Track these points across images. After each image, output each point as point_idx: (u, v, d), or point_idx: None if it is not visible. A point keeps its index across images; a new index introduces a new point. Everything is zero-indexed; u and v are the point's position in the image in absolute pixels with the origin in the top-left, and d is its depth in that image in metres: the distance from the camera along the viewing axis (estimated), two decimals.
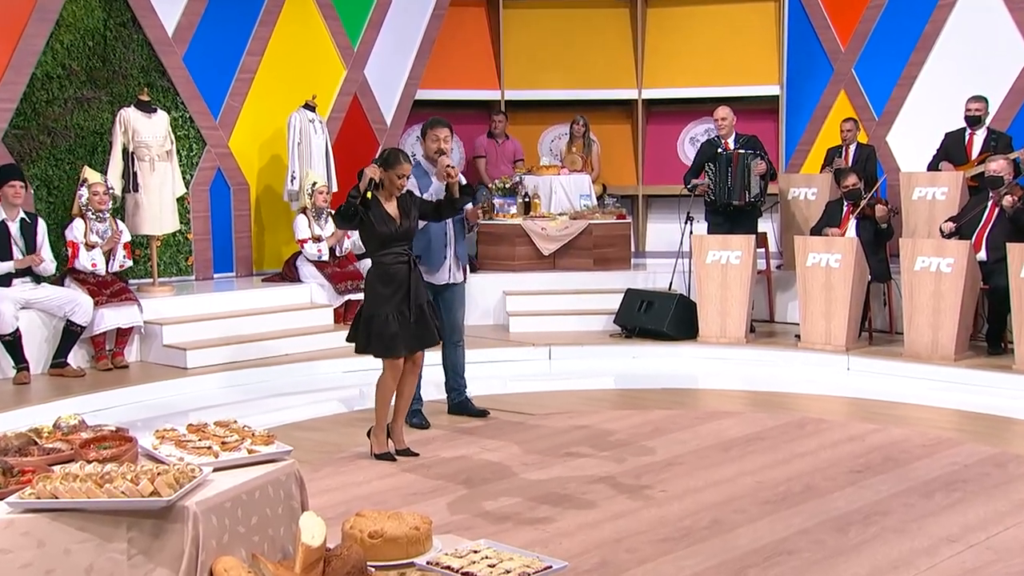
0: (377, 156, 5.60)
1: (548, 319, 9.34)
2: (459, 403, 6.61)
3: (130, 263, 8.13)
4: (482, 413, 6.58)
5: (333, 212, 7.41)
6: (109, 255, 7.91)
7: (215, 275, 9.65)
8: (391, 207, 5.51)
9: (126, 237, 8.04)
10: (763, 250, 9.40)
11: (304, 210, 9.07)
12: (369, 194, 5.44)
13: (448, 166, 5.82)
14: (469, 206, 6.56)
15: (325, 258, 8.99)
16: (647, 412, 6.68)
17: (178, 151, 8.94)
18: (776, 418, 6.47)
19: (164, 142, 8.45)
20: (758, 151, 8.90)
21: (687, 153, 11.43)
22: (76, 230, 7.79)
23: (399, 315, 5.44)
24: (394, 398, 5.70)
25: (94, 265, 7.80)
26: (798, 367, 8.17)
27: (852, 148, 9.78)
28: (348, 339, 5.63)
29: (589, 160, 10.91)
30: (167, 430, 3.87)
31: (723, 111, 9.04)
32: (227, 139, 9.70)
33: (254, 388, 7.59)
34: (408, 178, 5.58)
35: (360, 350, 5.51)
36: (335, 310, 8.86)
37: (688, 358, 8.52)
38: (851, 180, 8.66)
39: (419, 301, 5.51)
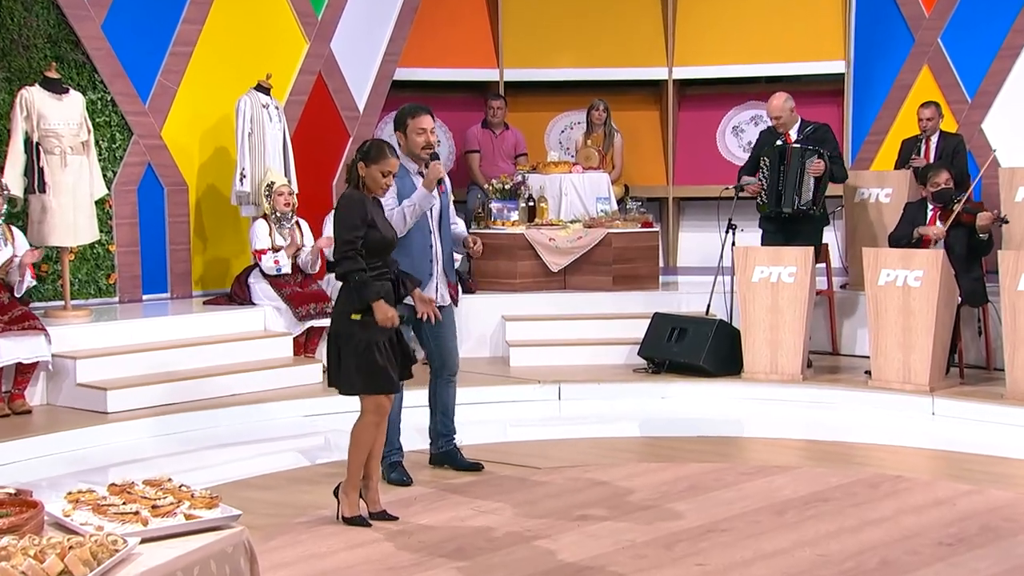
0: (358, 148, 5.62)
1: (557, 350, 9.38)
2: (447, 452, 6.60)
3: (34, 282, 8.03)
4: (475, 466, 6.57)
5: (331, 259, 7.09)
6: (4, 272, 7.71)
7: (144, 297, 9.67)
8: (375, 205, 5.62)
9: (23, 248, 7.78)
10: (824, 265, 9.44)
11: (264, 216, 9.14)
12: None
13: (438, 177, 5.96)
14: (463, 231, 6.60)
15: (286, 270, 9.04)
16: (680, 466, 6.69)
17: (97, 142, 8.91)
18: (842, 475, 6.45)
19: (79, 131, 8.39)
20: (821, 146, 8.93)
21: (728, 146, 11.51)
22: None
23: (389, 343, 5.51)
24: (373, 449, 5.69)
25: None
26: (869, 411, 8.19)
27: (934, 139, 9.82)
28: (332, 382, 5.59)
29: (609, 155, 10.98)
30: (82, 492, 3.86)
31: (778, 104, 9.01)
32: (159, 127, 9.73)
33: (193, 437, 7.58)
34: (394, 175, 5.64)
35: (356, 390, 5.51)
36: (295, 339, 8.89)
37: (730, 399, 8.56)
38: (942, 177, 8.65)
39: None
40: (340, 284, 5.56)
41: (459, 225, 6.63)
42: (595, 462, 6.81)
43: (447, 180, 6.33)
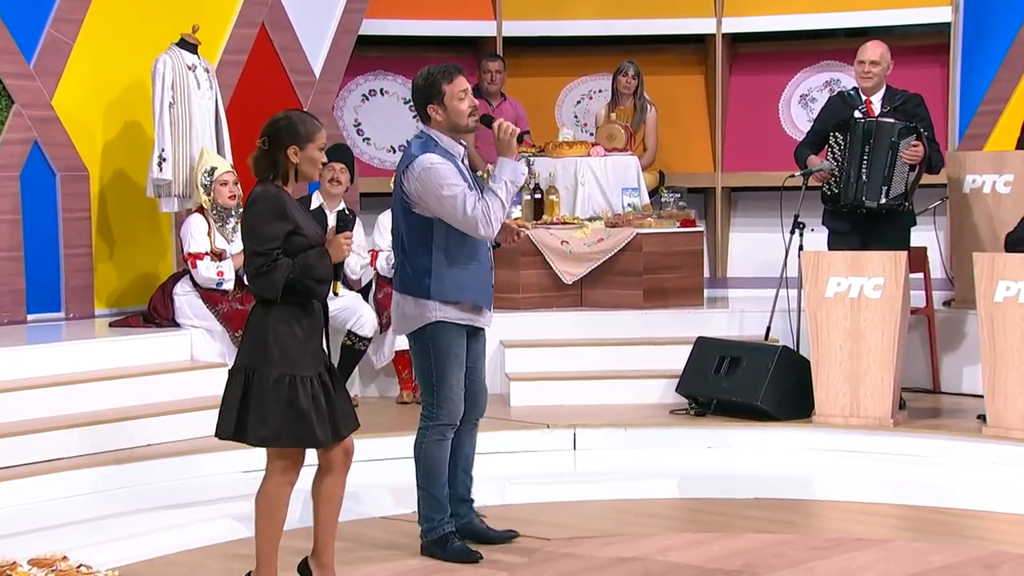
0: (270, 126, 5.55)
1: (571, 386, 9.39)
2: (469, 524, 6.56)
3: None
4: (508, 537, 6.58)
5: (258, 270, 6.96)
6: None
7: (30, 317, 9.65)
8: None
9: None
10: (920, 275, 9.43)
11: (201, 210, 9.15)
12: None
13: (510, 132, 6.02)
14: (511, 218, 6.68)
15: (228, 286, 9.06)
16: (732, 537, 6.66)
17: None
18: (948, 552, 6.40)
19: None
20: (917, 123, 8.90)
21: (795, 120, 11.56)
22: None
23: (319, 380, 5.51)
24: (319, 512, 5.68)
25: None
26: (984, 467, 8.15)
27: None
28: (225, 430, 5.53)
29: (639, 133, 10.98)
30: None
31: (874, 49, 9.00)
32: (50, 96, 9.71)
33: (99, 500, 7.54)
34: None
35: (261, 440, 5.49)
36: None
37: (797, 450, 8.56)
38: None
39: (327, 358, 5.63)
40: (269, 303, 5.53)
41: None
42: (620, 531, 6.78)
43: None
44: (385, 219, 9.22)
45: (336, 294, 5.65)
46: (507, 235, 6.28)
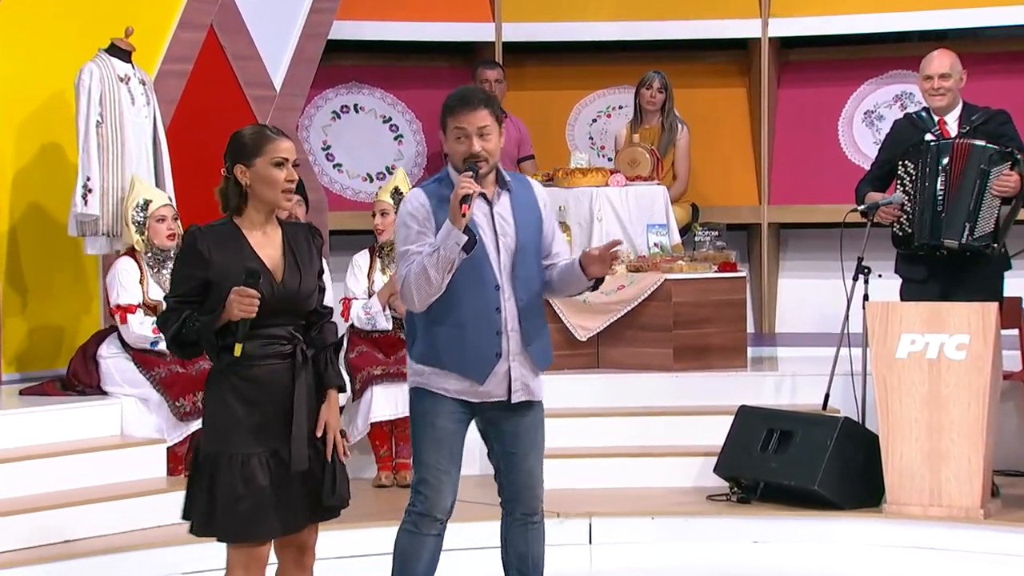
0: (229, 147, 5.72)
1: (587, 465, 9.47)
2: None
3: None
4: None
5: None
6: None
7: None
8: (265, 239, 5.72)
9: None
10: (1015, 332, 9.53)
11: (133, 252, 9.14)
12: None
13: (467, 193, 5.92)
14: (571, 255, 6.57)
15: (164, 347, 8.88)
16: None
17: None
18: None
19: None
20: (1007, 143, 8.90)
21: (858, 142, 11.62)
22: None
23: (271, 459, 5.59)
24: None
25: None
26: None
27: None
28: (186, 513, 5.68)
29: (668, 158, 11.06)
30: None
31: (941, 60, 9.04)
32: None
33: None
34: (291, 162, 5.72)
35: (193, 529, 5.67)
36: (170, 450, 8.90)
37: (865, 546, 8.56)
38: None
39: (302, 432, 5.65)
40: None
41: (561, 254, 6.54)
42: None
43: (534, 190, 6.35)
44: (361, 260, 9.18)
45: (237, 356, 5.59)
46: (603, 265, 6.15)
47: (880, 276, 9.25)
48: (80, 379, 9.11)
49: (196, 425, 8.68)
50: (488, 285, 6.14)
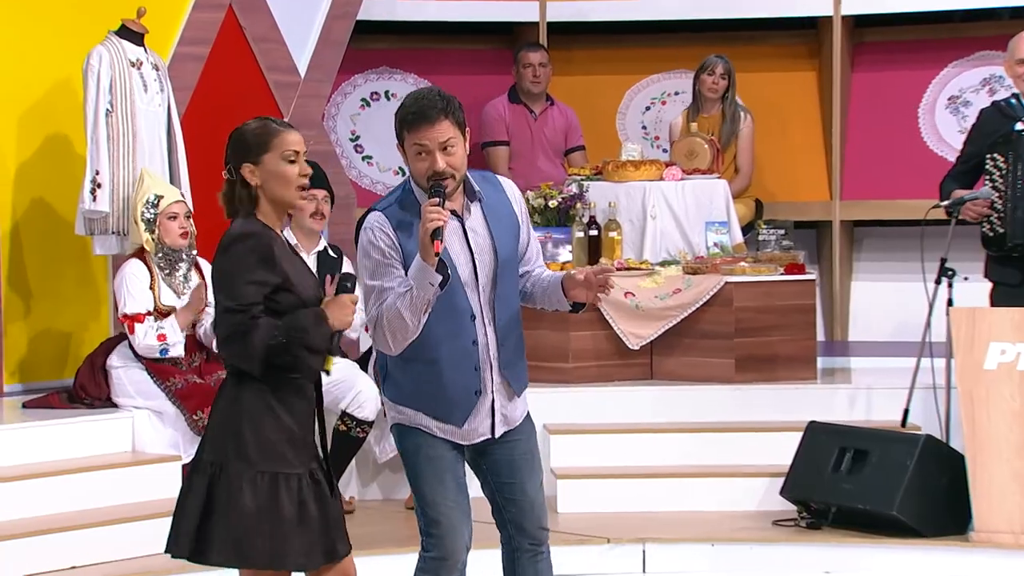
0: (227, 145, 5.80)
1: (640, 486, 9.46)
2: None
3: None
4: None
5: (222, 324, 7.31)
6: None
7: None
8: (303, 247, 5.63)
9: None
10: None
11: (142, 253, 9.13)
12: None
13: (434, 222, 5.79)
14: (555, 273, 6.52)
15: (176, 352, 9.01)
16: None
17: None
18: None
19: None
20: None
21: (941, 131, 11.60)
22: None
23: (310, 479, 5.61)
24: None
25: None
26: None
27: None
28: (175, 548, 5.58)
29: (730, 149, 11.04)
30: None
31: None
32: None
33: None
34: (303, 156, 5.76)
35: (226, 559, 5.57)
36: (186, 468, 8.69)
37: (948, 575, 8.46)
38: None
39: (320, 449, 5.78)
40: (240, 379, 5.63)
41: (542, 269, 6.51)
42: None
43: (505, 191, 6.22)
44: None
45: (327, 372, 5.65)
46: (588, 291, 6.07)
47: (966, 279, 9.27)
48: (88, 391, 9.10)
49: None
50: (463, 315, 6.07)
